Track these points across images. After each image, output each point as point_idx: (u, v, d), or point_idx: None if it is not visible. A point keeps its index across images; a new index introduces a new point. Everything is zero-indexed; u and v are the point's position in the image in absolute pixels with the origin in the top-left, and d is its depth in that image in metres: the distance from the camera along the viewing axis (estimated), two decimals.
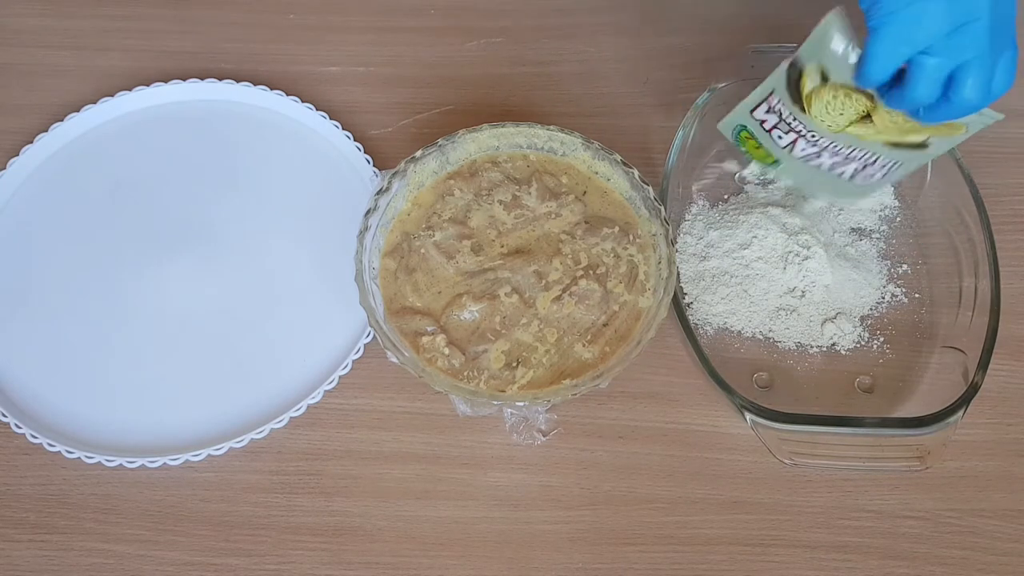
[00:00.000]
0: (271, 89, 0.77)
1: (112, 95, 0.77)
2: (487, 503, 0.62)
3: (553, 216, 0.66)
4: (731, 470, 0.63)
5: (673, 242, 0.63)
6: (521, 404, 0.59)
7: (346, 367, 0.65)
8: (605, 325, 0.63)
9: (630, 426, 0.64)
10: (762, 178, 0.71)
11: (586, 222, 0.66)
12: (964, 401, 0.58)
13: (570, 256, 0.65)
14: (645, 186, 0.65)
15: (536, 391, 0.60)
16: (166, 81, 0.78)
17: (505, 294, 0.63)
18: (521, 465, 0.63)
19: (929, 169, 0.69)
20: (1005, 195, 0.72)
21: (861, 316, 0.67)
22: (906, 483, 0.62)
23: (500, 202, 0.67)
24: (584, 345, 0.62)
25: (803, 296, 0.66)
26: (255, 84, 0.78)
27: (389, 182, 0.66)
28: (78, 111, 0.76)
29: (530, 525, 0.61)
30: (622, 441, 0.64)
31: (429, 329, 0.62)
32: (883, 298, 0.68)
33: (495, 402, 0.59)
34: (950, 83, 0.51)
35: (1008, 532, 0.60)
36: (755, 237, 0.67)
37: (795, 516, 0.61)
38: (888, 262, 0.69)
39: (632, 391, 0.65)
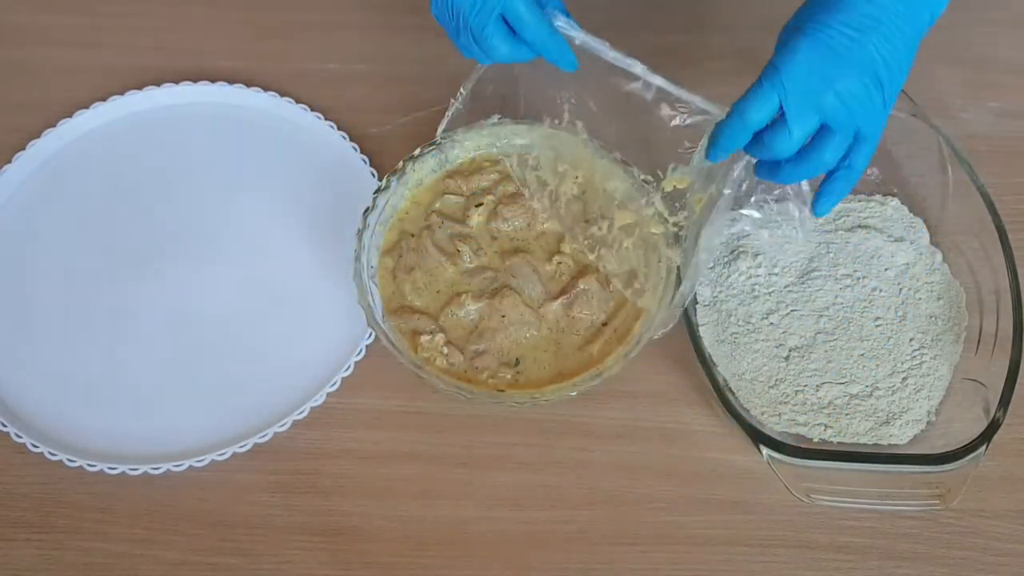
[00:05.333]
0: (265, 90, 0.77)
1: (106, 95, 0.77)
2: (486, 503, 0.61)
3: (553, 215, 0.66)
4: (731, 470, 0.62)
5: (674, 241, 0.62)
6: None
7: (348, 368, 0.64)
8: (605, 324, 0.62)
9: (630, 426, 0.64)
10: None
11: (586, 221, 0.66)
12: (986, 438, 0.57)
13: (569, 255, 0.65)
14: (646, 185, 0.65)
15: (535, 390, 0.60)
16: (163, 82, 0.78)
17: (504, 293, 0.63)
18: (520, 464, 0.63)
19: (950, 193, 0.68)
20: (1007, 194, 0.72)
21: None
22: None
23: (499, 200, 0.67)
24: (584, 344, 0.62)
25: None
26: (253, 82, 0.78)
27: (388, 181, 0.65)
28: (71, 116, 0.76)
29: (529, 525, 0.61)
30: (622, 441, 0.64)
31: (428, 328, 0.62)
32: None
33: (492, 401, 0.59)
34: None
35: (1008, 532, 0.60)
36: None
37: (795, 516, 0.61)
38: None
39: (632, 391, 0.65)
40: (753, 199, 0.71)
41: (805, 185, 0.58)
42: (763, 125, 0.53)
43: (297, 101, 0.77)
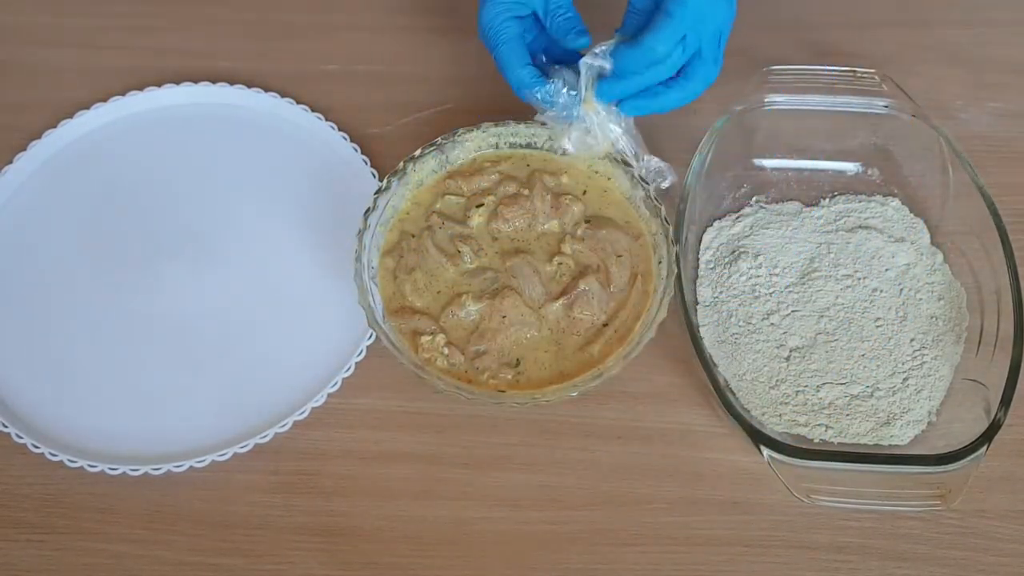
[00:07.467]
0: (266, 91, 0.77)
1: (107, 97, 0.77)
2: (486, 503, 0.61)
3: (553, 215, 0.66)
4: (732, 470, 0.62)
5: (675, 241, 0.62)
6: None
7: (348, 369, 0.64)
8: (605, 325, 0.62)
9: (630, 426, 0.64)
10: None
11: (586, 221, 0.66)
12: (987, 438, 0.57)
13: (570, 255, 0.65)
14: (645, 185, 0.65)
15: (536, 391, 0.60)
16: (163, 82, 0.78)
17: (505, 294, 0.63)
18: (520, 465, 0.63)
19: (950, 194, 0.68)
20: (1008, 194, 0.71)
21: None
22: None
23: (500, 201, 0.67)
24: (584, 345, 0.62)
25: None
26: (253, 83, 0.78)
27: (388, 181, 0.65)
28: (72, 117, 0.76)
29: (529, 525, 0.61)
30: (622, 441, 0.64)
31: (428, 329, 0.62)
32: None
33: (493, 401, 0.59)
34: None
35: (1009, 533, 0.60)
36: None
37: (795, 516, 0.61)
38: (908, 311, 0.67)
39: (632, 391, 0.65)
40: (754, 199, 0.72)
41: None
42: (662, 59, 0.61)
43: (298, 102, 0.77)
